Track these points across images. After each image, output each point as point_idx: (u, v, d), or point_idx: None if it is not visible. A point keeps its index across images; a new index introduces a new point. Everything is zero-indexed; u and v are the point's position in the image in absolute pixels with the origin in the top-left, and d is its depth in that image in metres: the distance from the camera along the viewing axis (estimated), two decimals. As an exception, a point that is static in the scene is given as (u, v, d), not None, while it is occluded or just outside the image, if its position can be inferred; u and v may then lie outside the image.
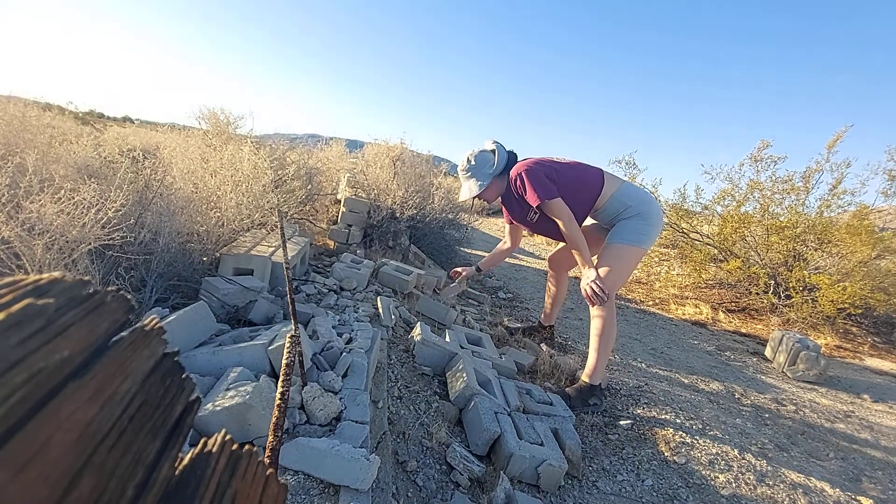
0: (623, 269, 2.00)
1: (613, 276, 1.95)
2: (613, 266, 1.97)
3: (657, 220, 2.04)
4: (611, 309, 1.94)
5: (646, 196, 2.09)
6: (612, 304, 1.95)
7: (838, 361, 3.33)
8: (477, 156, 2.18)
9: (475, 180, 2.16)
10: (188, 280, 1.86)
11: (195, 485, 0.26)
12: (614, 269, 1.96)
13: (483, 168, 2.16)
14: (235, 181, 2.32)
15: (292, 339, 0.79)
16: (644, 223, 2.00)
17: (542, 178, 2.00)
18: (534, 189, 1.98)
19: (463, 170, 2.22)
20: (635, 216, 2.02)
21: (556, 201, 1.97)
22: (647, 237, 2.00)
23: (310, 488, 0.97)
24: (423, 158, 4.56)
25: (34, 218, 1.39)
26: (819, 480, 1.62)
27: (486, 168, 2.16)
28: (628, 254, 1.97)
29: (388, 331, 2.01)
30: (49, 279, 0.23)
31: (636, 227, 2.00)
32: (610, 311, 1.94)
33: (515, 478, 1.42)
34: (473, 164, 2.17)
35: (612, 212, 2.08)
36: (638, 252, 1.99)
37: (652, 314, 4.07)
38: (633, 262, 2.03)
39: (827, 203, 4.22)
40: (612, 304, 1.95)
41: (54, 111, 3.23)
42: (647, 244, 2.00)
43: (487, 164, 2.16)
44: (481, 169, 2.16)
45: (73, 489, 0.20)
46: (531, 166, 2.04)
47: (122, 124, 13.03)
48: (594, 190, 2.07)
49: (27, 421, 0.18)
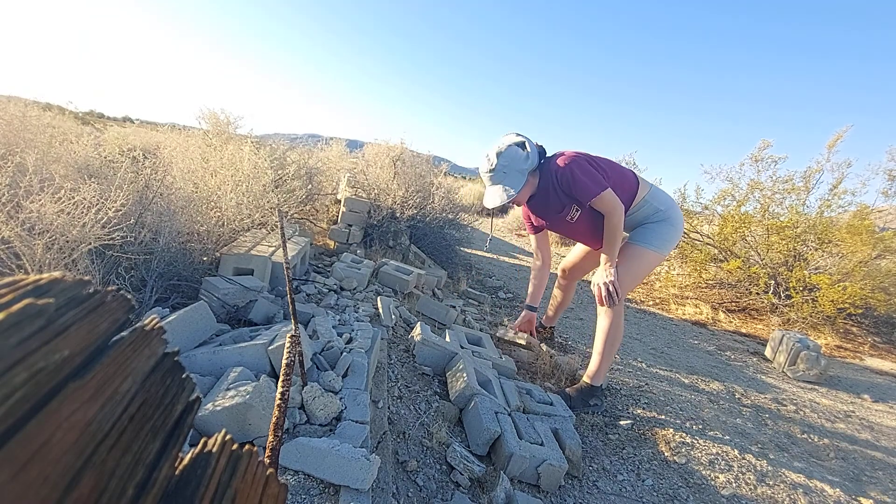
0: (640, 273, 1.95)
1: (630, 279, 1.91)
2: (632, 268, 1.91)
3: (681, 227, 2.00)
4: (619, 312, 1.90)
5: (672, 201, 2.04)
6: (622, 307, 1.91)
7: (838, 361, 3.32)
8: (504, 152, 1.87)
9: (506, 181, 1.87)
10: (188, 280, 1.86)
11: (195, 485, 0.26)
12: (632, 271, 1.91)
13: (515, 164, 1.86)
14: (235, 181, 2.32)
15: (292, 339, 0.79)
16: (671, 229, 1.96)
17: (592, 170, 1.83)
18: (587, 182, 1.78)
19: (488, 171, 1.89)
20: (664, 221, 1.95)
21: (608, 192, 1.80)
22: (670, 244, 1.96)
23: (310, 488, 0.97)
24: (423, 158, 4.56)
25: (34, 218, 1.39)
26: (819, 480, 1.62)
27: (518, 164, 1.86)
28: (649, 258, 1.93)
29: (389, 331, 2.01)
30: (49, 279, 0.23)
31: (662, 233, 1.94)
32: (618, 313, 1.90)
33: (515, 478, 1.42)
34: (502, 162, 1.87)
35: (641, 216, 1.99)
36: (658, 258, 1.95)
37: (652, 314, 4.07)
38: (651, 267, 1.98)
39: (827, 203, 4.22)
40: (622, 308, 1.91)
41: (54, 111, 3.23)
42: (668, 251, 1.96)
43: (520, 160, 1.86)
44: (514, 166, 1.86)
45: (73, 489, 0.20)
46: (577, 158, 1.84)
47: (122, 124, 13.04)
48: (632, 190, 1.95)
49: (27, 421, 0.18)
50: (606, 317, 1.91)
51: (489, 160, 1.90)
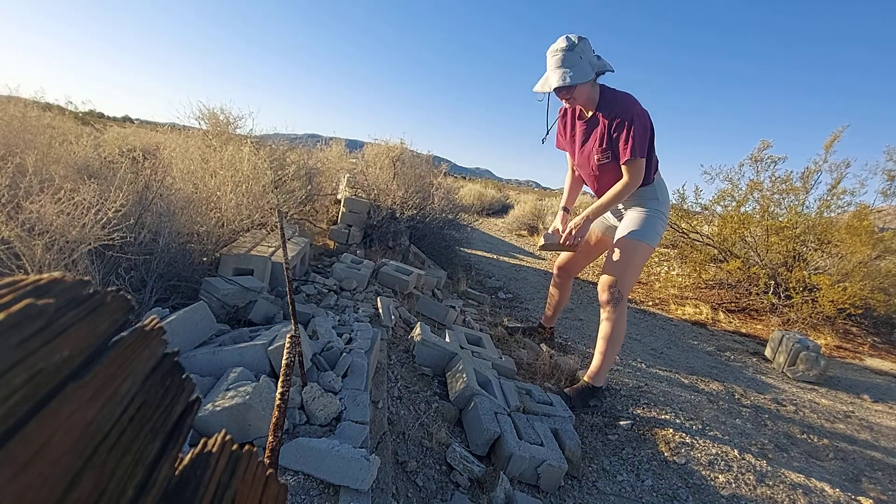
0: (638, 267, 1.95)
1: (629, 277, 1.89)
2: (629, 264, 1.89)
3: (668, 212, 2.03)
4: (622, 312, 1.89)
5: (668, 195, 2.05)
6: (624, 307, 1.90)
7: (838, 362, 3.33)
8: (584, 38, 1.71)
9: (574, 67, 1.69)
10: (188, 280, 1.86)
11: (195, 485, 0.26)
12: (630, 267, 1.89)
13: (588, 55, 1.71)
14: (235, 181, 2.32)
15: (292, 340, 0.79)
16: (663, 222, 1.97)
17: (647, 134, 1.75)
18: (636, 142, 1.71)
19: (561, 49, 1.70)
20: (657, 212, 1.95)
21: (642, 162, 1.77)
22: (660, 236, 1.98)
23: (310, 488, 0.97)
24: (423, 158, 4.56)
25: (34, 218, 1.39)
26: (819, 481, 1.62)
27: (591, 56, 1.72)
28: (643, 252, 1.93)
29: (388, 331, 2.01)
30: (49, 279, 0.23)
31: (656, 226, 1.94)
32: (621, 314, 1.89)
33: (515, 478, 1.42)
34: (580, 45, 1.70)
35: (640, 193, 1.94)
36: (651, 250, 1.97)
37: (652, 314, 4.07)
38: (645, 260, 1.99)
39: (826, 203, 4.22)
40: (624, 308, 1.90)
41: (54, 111, 3.23)
42: (657, 243, 1.98)
43: (593, 56, 1.74)
44: (586, 56, 1.71)
45: (73, 489, 0.20)
46: (644, 114, 1.75)
47: (122, 124, 13.04)
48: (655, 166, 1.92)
49: (27, 421, 0.18)
50: (609, 318, 1.90)
51: (564, 41, 1.71)
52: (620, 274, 1.88)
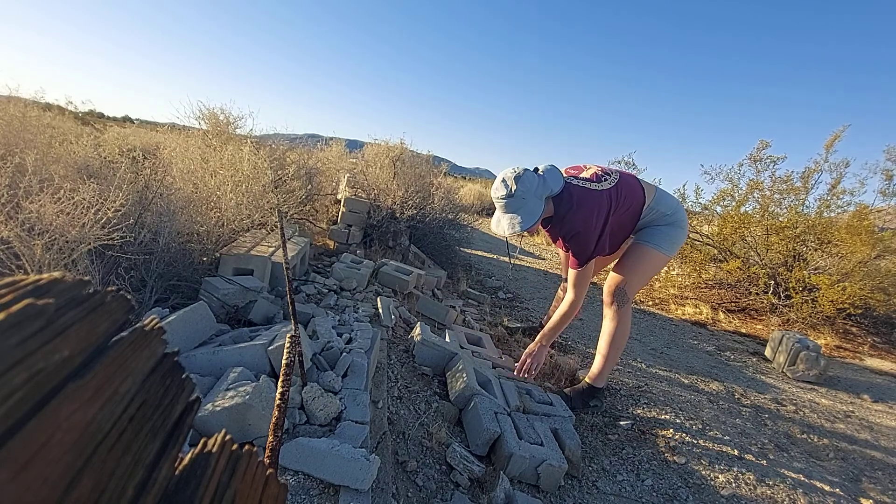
0: (648, 273, 1.94)
1: (637, 279, 1.89)
2: (640, 268, 1.88)
3: (686, 227, 2.00)
4: (626, 315, 1.89)
5: (677, 203, 2.02)
6: (629, 310, 1.90)
7: (838, 361, 3.33)
8: (521, 176, 1.72)
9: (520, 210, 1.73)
10: (188, 280, 1.86)
11: (195, 485, 0.26)
12: (640, 271, 1.89)
13: (531, 191, 1.72)
14: (235, 181, 2.32)
15: (292, 339, 0.79)
16: (679, 231, 1.96)
17: (593, 241, 1.77)
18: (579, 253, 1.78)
19: (503, 196, 1.74)
20: (672, 224, 1.95)
21: (584, 270, 1.82)
22: (677, 245, 1.96)
23: (310, 488, 0.97)
24: (423, 158, 4.56)
25: (34, 218, 1.39)
26: (819, 480, 1.62)
27: (537, 189, 1.73)
28: (656, 259, 1.91)
29: (388, 331, 2.01)
30: (49, 279, 0.23)
31: (670, 235, 1.93)
32: (625, 316, 1.88)
33: (515, 478, 1.42)
34: (518, 188, 1.72)
35: (647, 221, 1.98)
36: (665, 259, 1.94)
37: (652, 314, 4.07)
38: (658, 268, 1.97)
39: (826, 203, 4.22)
40: (629, 311, 1.90)
41: (54, 111, 3.23)
42: (674, 252, 1.96)
43: (537, 186, 1.73)
44: (532, 192, 1.72)
45: (73, 489, 0.20)
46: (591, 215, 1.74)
47: (122, 124, 13.03)
48: (638, 211, 1.93)
49: (27, 421, 0.18)
50: (613, 320, 1.89)
51: (504, 185, 1.75)
52: (628, 275, 1.87)
